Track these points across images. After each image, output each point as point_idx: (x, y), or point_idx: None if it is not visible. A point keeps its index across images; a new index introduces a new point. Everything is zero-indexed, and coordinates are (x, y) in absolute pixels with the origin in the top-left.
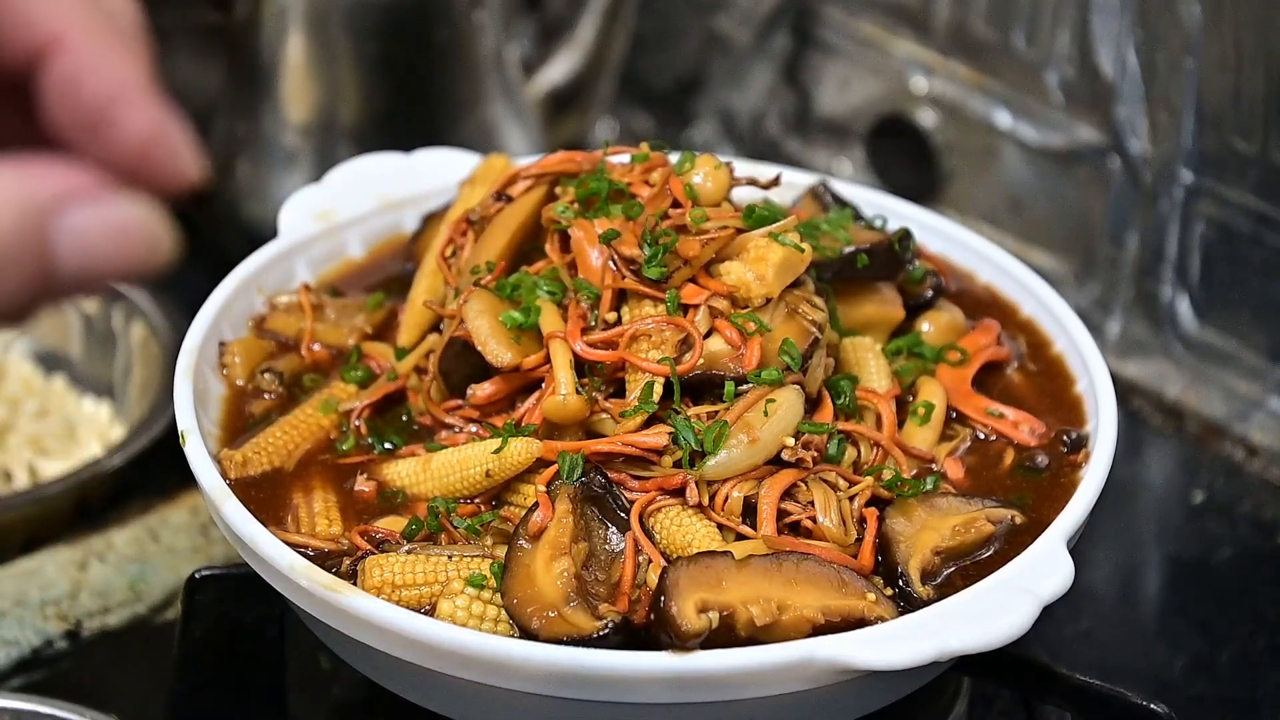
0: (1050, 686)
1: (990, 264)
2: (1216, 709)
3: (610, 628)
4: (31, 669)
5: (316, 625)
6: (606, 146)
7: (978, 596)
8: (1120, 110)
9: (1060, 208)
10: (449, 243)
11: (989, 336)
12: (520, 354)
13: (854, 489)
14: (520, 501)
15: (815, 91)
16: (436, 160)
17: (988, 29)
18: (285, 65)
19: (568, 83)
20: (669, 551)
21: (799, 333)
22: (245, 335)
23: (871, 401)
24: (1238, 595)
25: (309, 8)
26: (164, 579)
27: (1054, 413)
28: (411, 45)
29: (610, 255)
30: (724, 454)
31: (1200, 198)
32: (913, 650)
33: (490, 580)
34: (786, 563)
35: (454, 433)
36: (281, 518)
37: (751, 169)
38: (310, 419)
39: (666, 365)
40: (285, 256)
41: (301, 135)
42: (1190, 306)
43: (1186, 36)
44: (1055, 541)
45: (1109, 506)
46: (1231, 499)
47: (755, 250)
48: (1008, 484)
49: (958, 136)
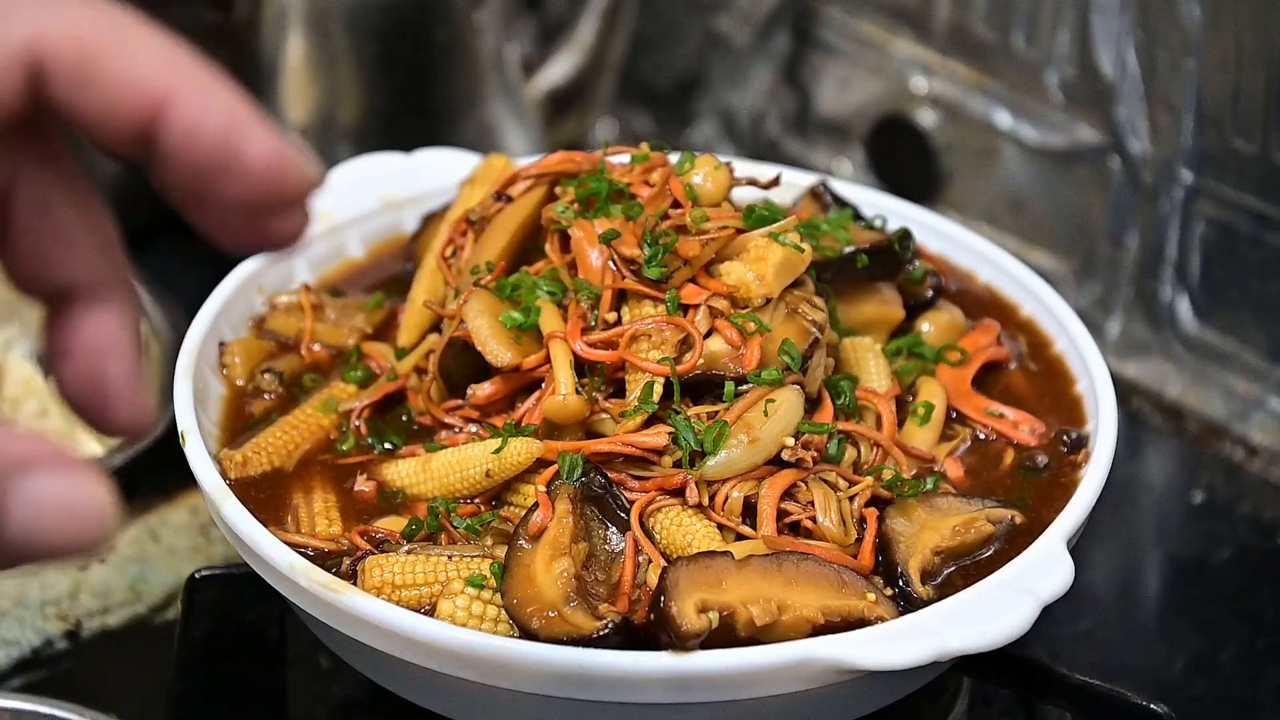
0: (1050, 686)
1: (990, 264)
2: (1216, 709)
3: (610, 628)
4: (31, 669)
5: (316, 625)
6: (606, 146)
7: (978, 596)
8: (1120, 110)
9: (1060, 208)
10: (449, 243)
11: (989, 336)
12: (520, 354)
13: (854, 489)
14: (520, 501)
15: (815, 91)
16: (436, 160)
17: (988, 29)
18: (285, 65)
19: (568, 83)
20: (669, 551)
21: (799, 333)
22: (245, 335)
23: (871, 401)
24: (1238, 595)
25: (309, 8)
26: (164, 579)
27: (1054, 413)
28: (411, 45)
29: (610, 255)
30: (724, 454)
31: (1200, 198)
32: (913, 650)
33: (490, 580)
34: (786, 563)
35: (454, 433)
36: (281, 518)
37: (751, 169)
38: (310, 419)
39: (666, 365)
40: (285, 256)
41: (301, 135)
42: (1190, 306)
43: (1186, 36)
44: (1055, 541)
45: (1109, 506)
46: (1231, 499)
47: (755, 250)
48: (1008, 484)
49: (958, 136)
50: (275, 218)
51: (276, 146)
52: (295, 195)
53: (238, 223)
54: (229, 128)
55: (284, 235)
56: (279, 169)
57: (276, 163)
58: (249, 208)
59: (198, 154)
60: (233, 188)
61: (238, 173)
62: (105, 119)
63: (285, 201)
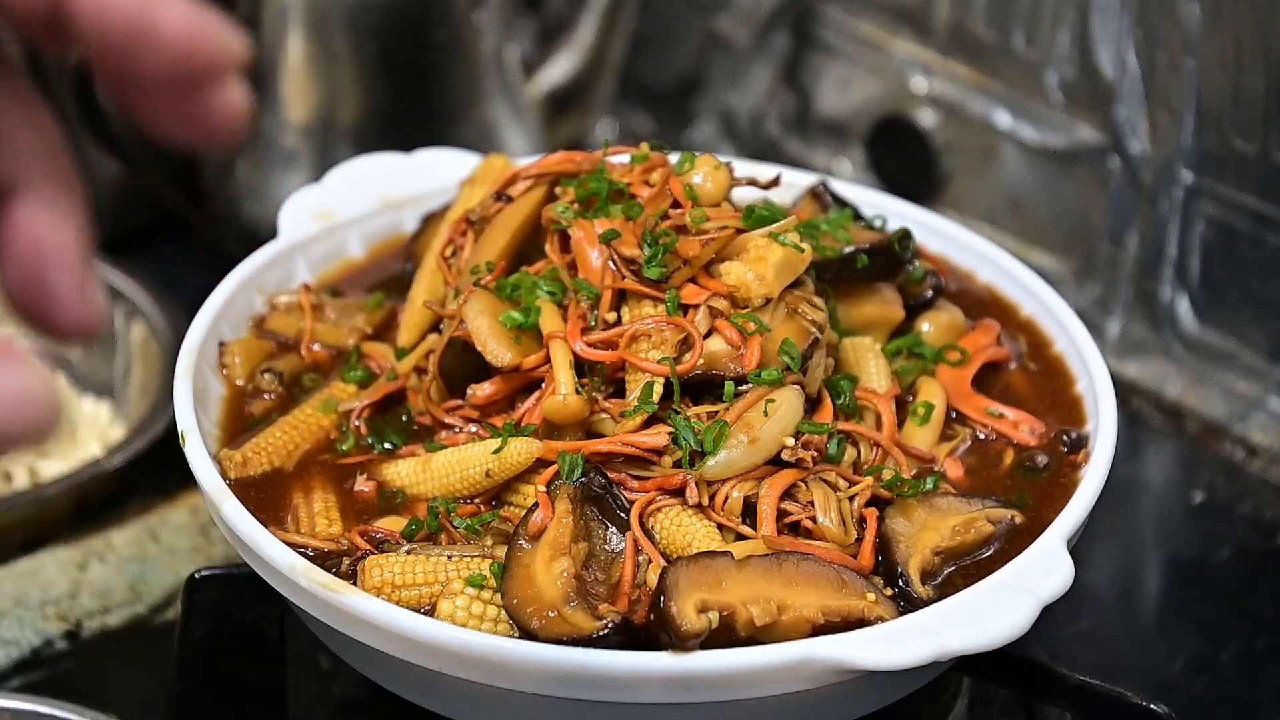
0: (1050, 686)
1: (990, 264)
2: (1216, 709)
3: (610, 628)
4: (31, 669)
5: (316, 625)
6: (606, 146)
7: (978, 596)
8: (1120, 110)
9: (1060, 208)
10: (449, 243)
11: (989, 336)
12: (520, 354)
13: (854, 489)
14: (520, 501)
15: (815, 91)
16: (436, 160)
17: (988, 29)
18: (285, 65)
19: (568, 83)
20: (669, 551)
21: (799, 333)
22: (245, 335)
23: (871, 401)
24: (1238, 595)
25: (309, 8)
26: (164, 579)
27: (1054, 413)
28: (411, 45)
29: (610, 255)
30: (724, 454)
31: (1200, 198)
32: (913, 650)
33: (490, 580)
34: (786, 563)
35: (454, 433)
36: (281, 518)
37: (751, 169)
38: (310, 419)
39: (666, 365)
40: (285, 256)
41: (301, 135)
42: (1190, 306)
43: (1186, 36)
44: (1055, 541)
45: (1109, 506)
46: (1231, 499)
47: (755, 250)
48: (1008, 484)
49: (958, 136)
50: (202, 95)
51: (192, 15)
52: (217, 66)
53: (165, 106)
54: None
55: (218, 118)
56: (196, 38)
57: (193, 32)
58: (171, 83)
59: (109, 25)
60: (149, 61)
61: (152, 43)
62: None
63: (207, 73)
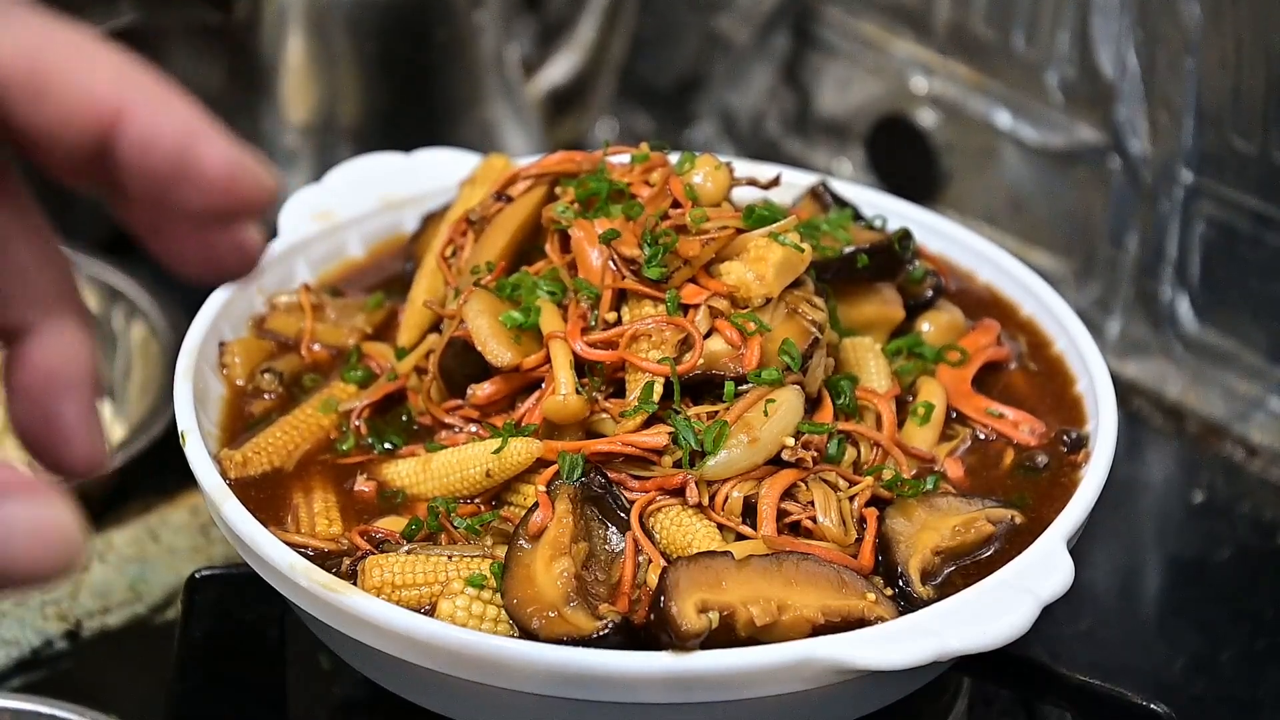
0: (1050, 686)
1: (990, 264)
2: (1216, 709)
3: (610, 628)
4: (31, 669)
5: (316, 625)
6: (606, 146)
7: (978, 596)
8: (1120, 110)
9: (1060, 208)
10: (449, 243)
11: (989, 336)
12: (520, 354)
13: (854, 489)
14: (520, 501)
15: (815, 91)
16: (436, 160)
17: (988, 29)
18: (285, 65)
19: (568, 83)
20: (669, 551)
21: (799, 333)
22: (245, 335)
23: (871, 401)
24: (1238, 595)
25: (309, 8)
26: (164, 579)
27: (1054, 413)
28: (411, 45)
29: (610, 255)
30: (724, 454)
31: (1200, 198)
32: (913, 650)
33: (490, 580)
34: (786, 563)
35: (454, 433)
36: (281, 518)
37: (751, 169)
38: (310, 419)
39: (666, 365)
40: (285, 256)
41: (301, 135)
42: (1190, 306)
43: (1186, 36)
44: (1055, 541)
45: (1109, 506)
46: (1231, 499)
47: (755, 250)
48: (1008, 484)
49: (958, 136)
50: (233, 233)
51: (233, 153)
52: (255, 203)
53: (194, 243)
54: (185, 135)
55: (240, 257)
56: (237, 176)
57: (234, 170)
58: (208, 218)
59: (154, 163)
60: (191, 197)
61: (195, 180)
62: (59, 134)
63: (245, 210)
